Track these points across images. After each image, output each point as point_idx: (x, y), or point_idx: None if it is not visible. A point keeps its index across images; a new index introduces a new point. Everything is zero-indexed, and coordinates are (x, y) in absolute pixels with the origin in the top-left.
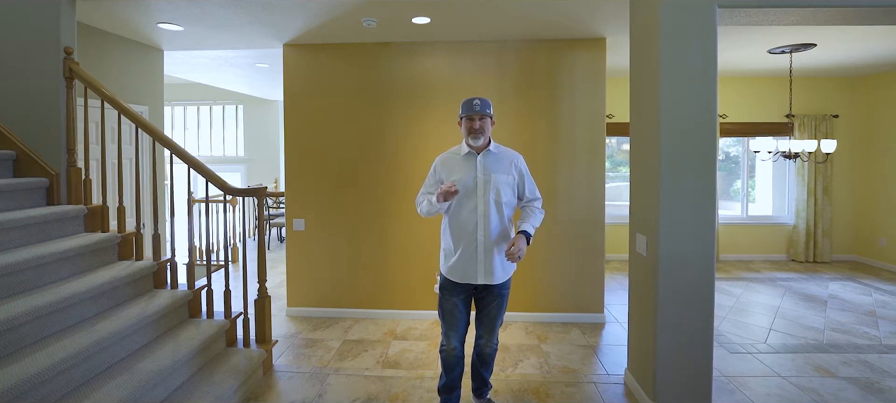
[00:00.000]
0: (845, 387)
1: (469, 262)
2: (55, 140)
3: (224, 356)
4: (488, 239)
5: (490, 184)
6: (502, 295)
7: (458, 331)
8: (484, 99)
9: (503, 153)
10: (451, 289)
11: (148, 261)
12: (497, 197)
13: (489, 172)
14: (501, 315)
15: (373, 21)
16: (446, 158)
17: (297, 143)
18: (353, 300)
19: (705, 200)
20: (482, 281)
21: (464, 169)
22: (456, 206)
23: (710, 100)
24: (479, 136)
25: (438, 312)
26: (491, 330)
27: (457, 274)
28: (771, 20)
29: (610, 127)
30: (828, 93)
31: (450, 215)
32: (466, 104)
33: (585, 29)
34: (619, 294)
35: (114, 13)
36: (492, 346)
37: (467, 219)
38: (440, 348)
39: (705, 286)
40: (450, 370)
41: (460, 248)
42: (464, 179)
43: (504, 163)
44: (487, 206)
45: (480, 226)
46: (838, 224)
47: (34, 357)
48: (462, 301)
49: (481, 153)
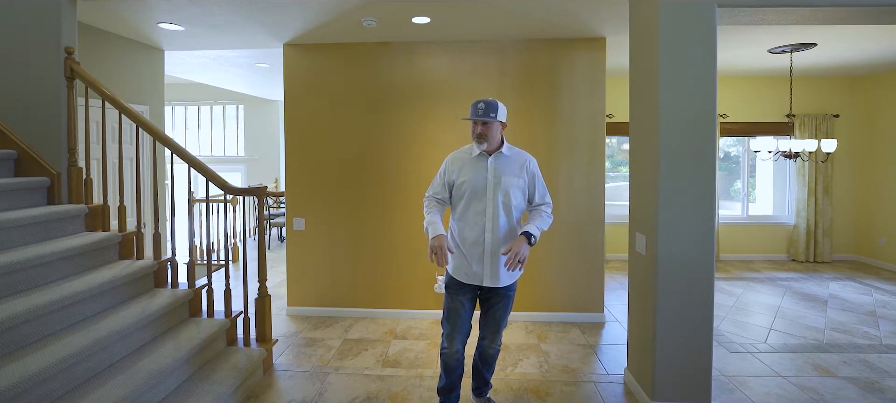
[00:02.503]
0: (845, 387)
1: (475, 264)
2: (56, 139)
3: (224, 355)
4: (496, 241)
5: (499, 186)
6: (508, 297)
7: (461, 333)
8: (491, 102)
9: (515, 155)
10: (456, 288)
11: (148, 261)
12: (506, 199)
13: (499, 174)
14: (506, 316)
15: (373, 21)
16: (457, 157)
17: (298, 143)
18: (353, 299)
19: (705, 200)
20: (488, 283)
21: (474, 169)
22: (464, 207)
23: (709, 100)
24: (483, 141)
25: (443, 312)
26: (495, 331)
27: (463, 275)
28: (770, 20)
29: (610, 126)
30: (828, 92)
31: (457, 216)
32: (472, 107)
33: (585, 29)
34: (618, 293)
35: (114, 13)
36: (495, 347)
37: (475, 221)
38: (441, 349)
39: (705, 285)
40: (450, 372)
41: (467, 249)
42: (473, 180)
43: (515, 165)
44: (496, 209)
45: (488, 229)
46: (839, 223)
47: (36, 356)
48: (468, 300)
49: (493, 154)
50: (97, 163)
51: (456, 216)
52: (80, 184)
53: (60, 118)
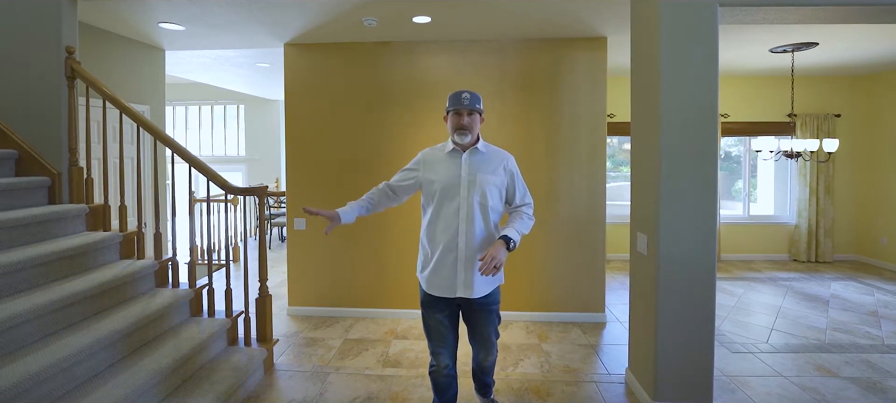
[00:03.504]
0: (847, 387)
1: (448, 272)
2: (57, 139)
3: (225, 354)
4: (470, 246)
5: (475, 184)
6: (491, 311)
7: (447, 348)
8: (474, 92)
9: (493, 152)
10: (431, 304)
11: (149, 260)
12: (482, 199)
13: (475, 172)
14: (494, 329)
15: (373, 20)
16: (429, 154)
17: (298, 143)
18: (353, 299)
19: (706, 199)
20: (461, 294)
21: (447, 167)
22: (436, 209)
23: (711, 100)
24: (467, 133)
25: (425, 330)
26: (487, 348)
27: (435, 287)
28: (772, 19)
29: (611, 126)
30: (830, 92)
31: (429, 218)
32: (454, 97)
33: (586, 28)
34: (620, 293)
35: (115, 13)
36: (490, 360)
37: (448, 223)
38: (430, 368)
39: (706, 285)
40: (442, 391)
41: (438, 256)
42: (446, 178)
43: (492, 163)
44: (471, 210)
45: (462, 232)
46: (840, 223)
47: (36, 355)
48: (446, 317)
49: (468, 151)
50: (98, 163)
51: (426, 220)
52: (81, 184)
53: (61, 118)
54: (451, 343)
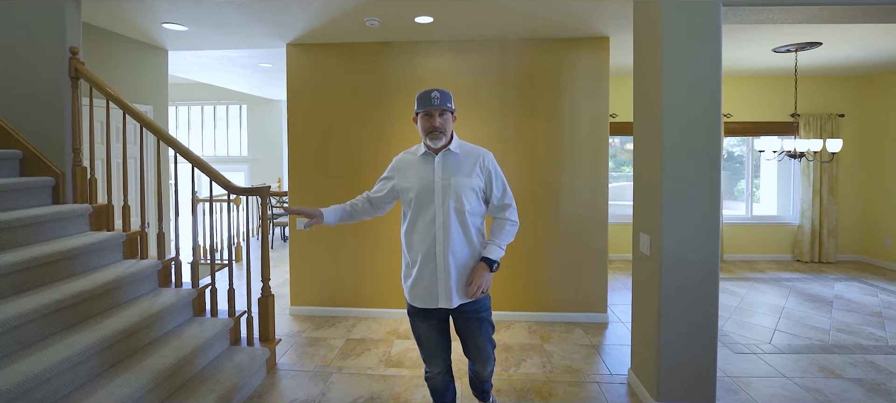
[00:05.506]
0: (851, 388)
1: (429, 283)
2: (60, 139)
3: (228, 354)
4: (448, 256)
5: (450, 189)
6: (482, 319)
7: (440, 356)
8: (444, 90)
9: (468, 152)
10: (416, 315)
11: (152, 260)
12: (458, 204)
13: (449, 176)
14: (488, 339)
15: (376, 20)
16: (403, 159)
17: (301, 143)
18: (355, 299)
19: (709, 199)
20: (443, 305)
21: (420, 172)
22: (412, 219)
23: (714, 100)
24: (441, 136)
25: (414, 337)
26: (483, 359)
27: (418, 299)
28: (775, 19)
29: (613, 126)
30: (833, 92)
31: (406, 226)
32: (423, 97)
33: (589, 28)
34: (622, 293)
35: (118, 13)
36: (488, 370)
37: (425, 233)
38: (425, 376)
39: (709, 285)
40: (441, 395)
41: (418, 267)
42: (420, 184)
43: (468, 163)
44: (447, 218)
45: (440, 240)
46: (844, 224)
47: (40, 355)
48: (433, 327)
49: (440, 153)
50: (101, 163)
51: (404, 227)
52: (85, 184)
53: (65, 118)
54: (443, 350)
